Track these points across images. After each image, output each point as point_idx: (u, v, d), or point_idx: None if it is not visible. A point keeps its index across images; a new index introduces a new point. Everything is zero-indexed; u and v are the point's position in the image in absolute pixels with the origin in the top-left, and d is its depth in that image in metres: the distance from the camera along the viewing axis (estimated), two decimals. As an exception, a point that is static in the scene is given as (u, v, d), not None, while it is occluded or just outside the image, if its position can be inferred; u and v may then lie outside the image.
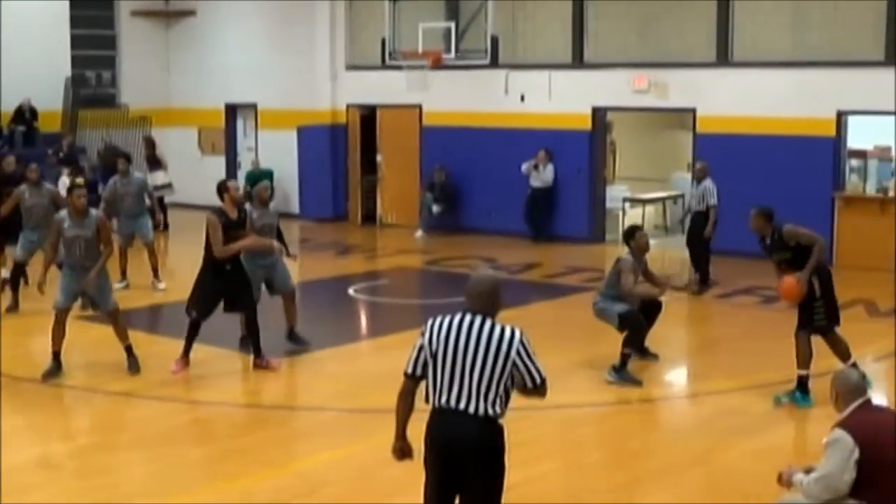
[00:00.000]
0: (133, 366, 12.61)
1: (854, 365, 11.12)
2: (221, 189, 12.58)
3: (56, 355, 12.41)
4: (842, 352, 11.63)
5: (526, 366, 6.46)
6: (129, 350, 12.68)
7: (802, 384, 11.39)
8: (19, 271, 16.02)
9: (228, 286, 12.41)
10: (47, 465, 9.94)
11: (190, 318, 12.52)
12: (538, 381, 6.50)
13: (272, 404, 11.62)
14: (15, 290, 15.87)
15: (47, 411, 11.65)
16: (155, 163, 24.10)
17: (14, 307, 15.77)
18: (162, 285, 17.36)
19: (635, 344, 12.41)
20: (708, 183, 17.58)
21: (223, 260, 12.25)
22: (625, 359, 12.28)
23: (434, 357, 6.49)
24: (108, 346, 12.96)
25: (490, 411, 6.40)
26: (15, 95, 25.23)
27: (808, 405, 11.24)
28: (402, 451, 6.78)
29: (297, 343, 13.66)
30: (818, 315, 11.48)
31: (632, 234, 12.79)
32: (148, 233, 17.49)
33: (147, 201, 17.97)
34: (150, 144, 24.80)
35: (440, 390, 6.47)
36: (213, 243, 12.21)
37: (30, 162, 17.20)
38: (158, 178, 23.43)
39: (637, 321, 12.47)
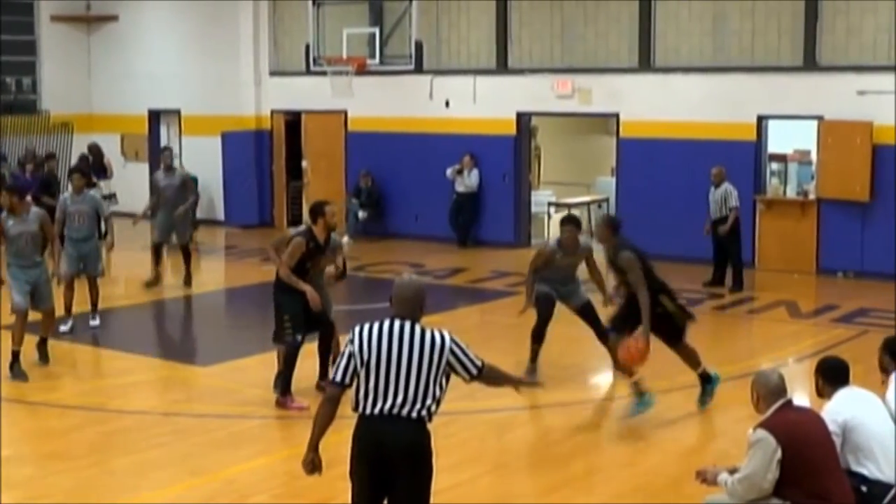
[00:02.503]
0: (44, 357, 13.09)
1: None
2: (317, 212, 11.61)
3: (16, 355, 12.64)
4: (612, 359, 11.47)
5: (461, 362, 6.55)
6: (43, 342, 13.07)
7: (706, 379, 11.38)
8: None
9: (306, 305, 11.49)
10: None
11: (288, 345, 11.58)
12: (476, 369, 6.62)
13: (199, 412, 11.55)
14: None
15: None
16: (101, 171, 23.45)
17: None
18: (96, 322, 15.26)
19: (536, 335, 12.44)
20: (727, 186, 17.66)
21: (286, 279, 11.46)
22: (533, 353, 12.37)
23: (366, 364, 6.47)
24: (31, 356, 12.84)
25: (424, 414, 6.44)
26: (-67, 102, 24.88)
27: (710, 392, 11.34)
28: (314, 463, 6.72)
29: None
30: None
31: (562, 223, 12.72)
32: (98, 262, 15.19)
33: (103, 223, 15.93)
34: (96, 151, 23.74)
35: (373, 397, 6.45)
36: (286, 261, 11.40)
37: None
38: (102, 188, 22.81)
39: (544, 310, 12.42)
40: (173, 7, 26.61)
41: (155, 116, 27.58)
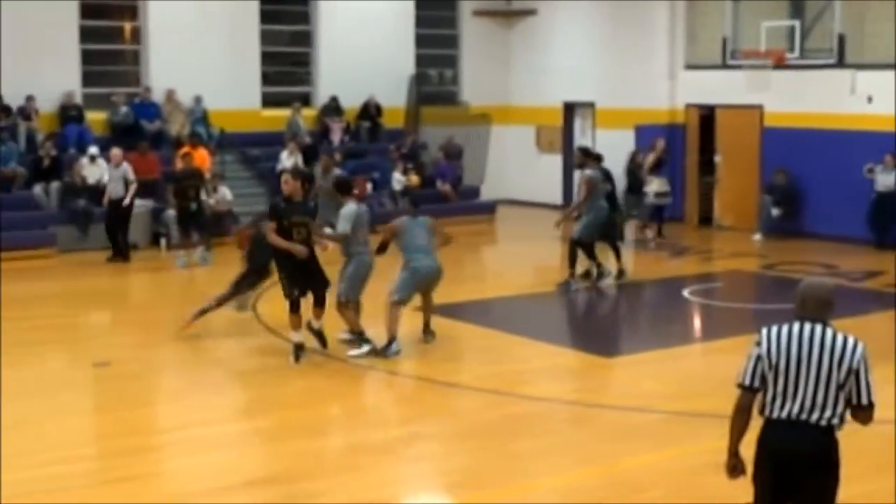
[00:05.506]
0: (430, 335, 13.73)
1: None
2: None
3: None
4: None
5: (859, 381, 6.25)
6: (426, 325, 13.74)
7: None
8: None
9: None
10: (370, 449, 10.22)
11: None
12: (866, 401, 6.28)
13: (597, 403, 11.59)
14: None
15: (376, 397, 12.04)
16: (656, 167, 23.32)
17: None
18: (430, 337, 13.89)
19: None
20: None
21: None
22: None
23: (774, 368, 6.31)
24: (440, 338, 13.29)
25: (835, 422, 6.25)
26: (361, 92, 26.18)
27: None
28: (736, 468, 6.61)
29: None
30: None
31: None
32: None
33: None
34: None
35: (781, 401, 6.30)
36: None
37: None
38: (655, 184, 23.10)
39: None
40: (591, 2, 26.85)
41: (569, 109, 27.92)
